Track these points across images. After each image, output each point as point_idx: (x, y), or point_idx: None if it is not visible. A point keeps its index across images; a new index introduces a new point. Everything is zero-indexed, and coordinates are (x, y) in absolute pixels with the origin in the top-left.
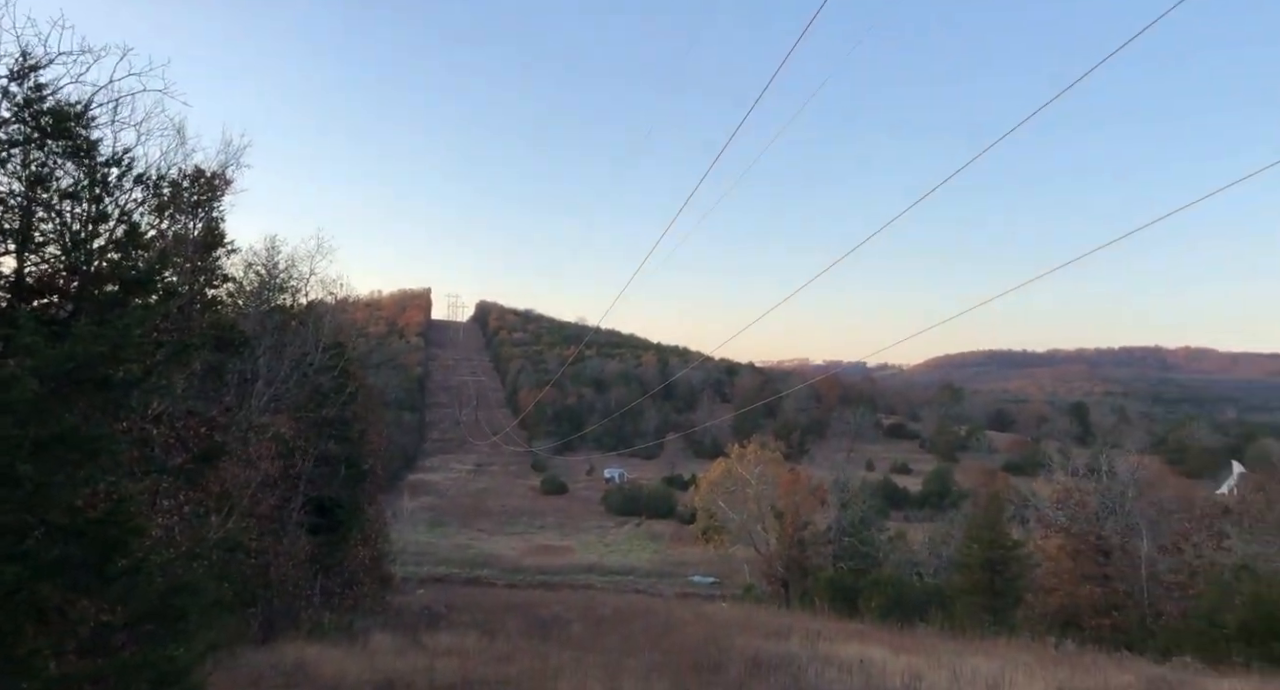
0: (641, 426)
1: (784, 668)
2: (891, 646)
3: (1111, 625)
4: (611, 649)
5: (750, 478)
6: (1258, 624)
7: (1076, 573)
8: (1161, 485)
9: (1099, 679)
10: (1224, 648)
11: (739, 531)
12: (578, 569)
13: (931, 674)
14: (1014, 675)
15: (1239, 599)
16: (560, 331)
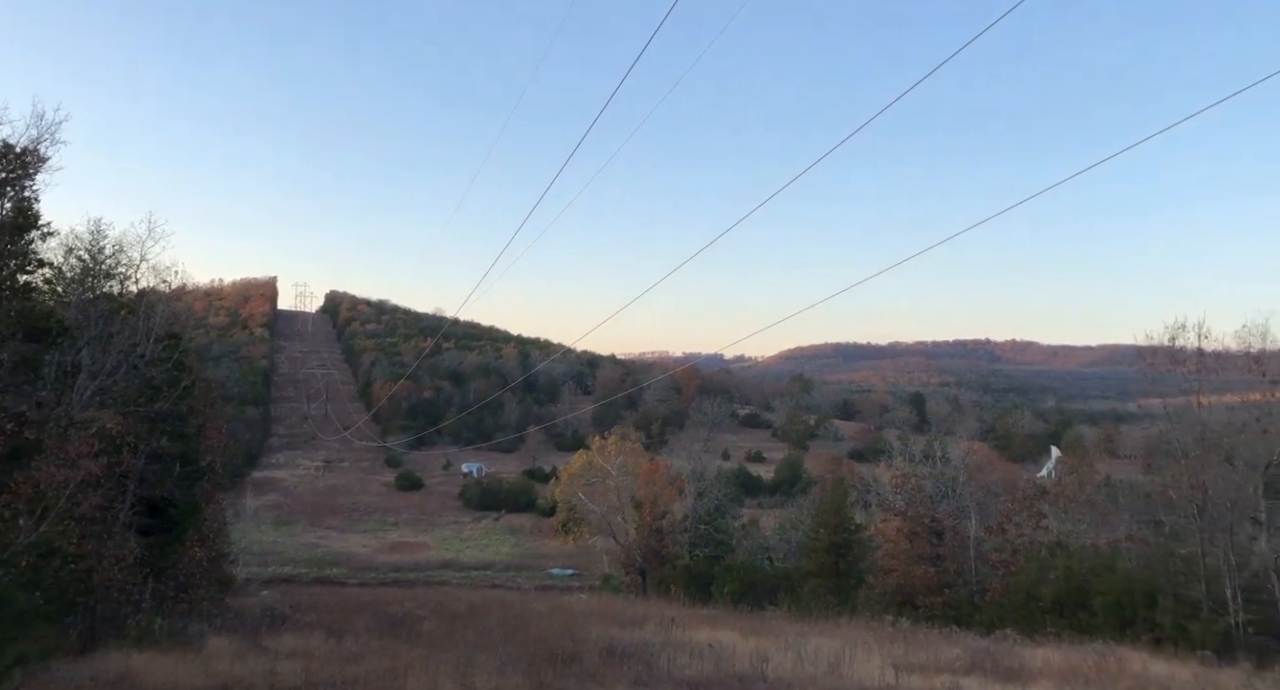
0: (502, 420)
1: (638, 655)
2: (741, 630)
3: (943, 602)
4: (465, 644)
5: (611, 469)
6: (1069, 597)
7: (912, 553)
8: (989, 469)
9: (930, 654)
10: (1040, 620)
11: (599, 523)
12: (433, 565)
13: (778, 655)
14: (854, 653)
15: (1054, 574)
16: (416, 323)
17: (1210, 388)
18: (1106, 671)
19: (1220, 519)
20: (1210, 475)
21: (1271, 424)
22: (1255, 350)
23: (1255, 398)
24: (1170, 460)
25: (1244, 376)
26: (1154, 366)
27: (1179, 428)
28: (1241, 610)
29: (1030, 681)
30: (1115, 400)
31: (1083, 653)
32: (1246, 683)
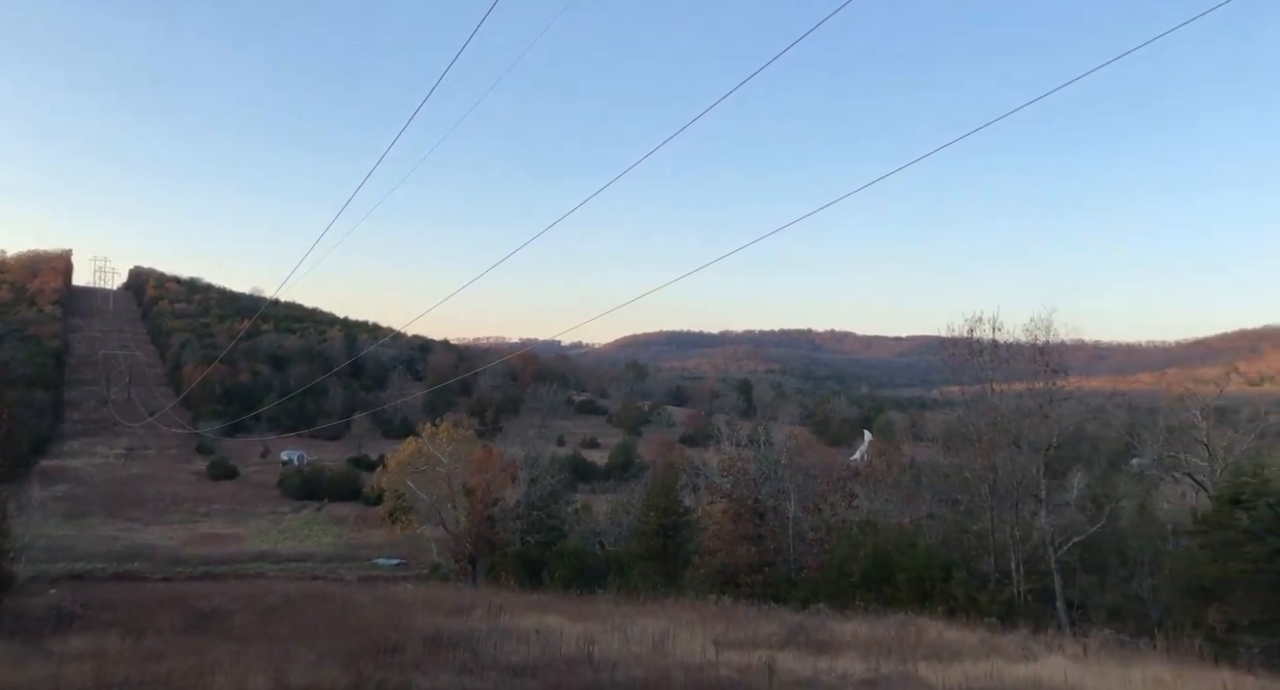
0: (326, 406)
1: (464, 643)
2: (570, 615)
3: (763, 580)
4: (280, 638)
5: (442, 456)
6: (876, 572)
7: (736, 534)
8: (809, 453)
9: (749, 630)
10: (851, 594)
11: (429, 511)
12: (248, 558)
13: (605, 637)
14: (678, 632)
15: (863, 551)
16: (232, 303)
17: (1002, 376)
18: (906, 641)
19: (1008, 497)
20: (1000, 457)
21: (1053, 410)
22: (1040, 342)
23: (1039, 386)
24: (966, 443)
25: (1030, 366)
26: (954, 357)
27: (975, 413)
28: (1023, 580)
29: (839, 653)
30: (922, 387)
31: (886, 624)
32: (1023, 645)
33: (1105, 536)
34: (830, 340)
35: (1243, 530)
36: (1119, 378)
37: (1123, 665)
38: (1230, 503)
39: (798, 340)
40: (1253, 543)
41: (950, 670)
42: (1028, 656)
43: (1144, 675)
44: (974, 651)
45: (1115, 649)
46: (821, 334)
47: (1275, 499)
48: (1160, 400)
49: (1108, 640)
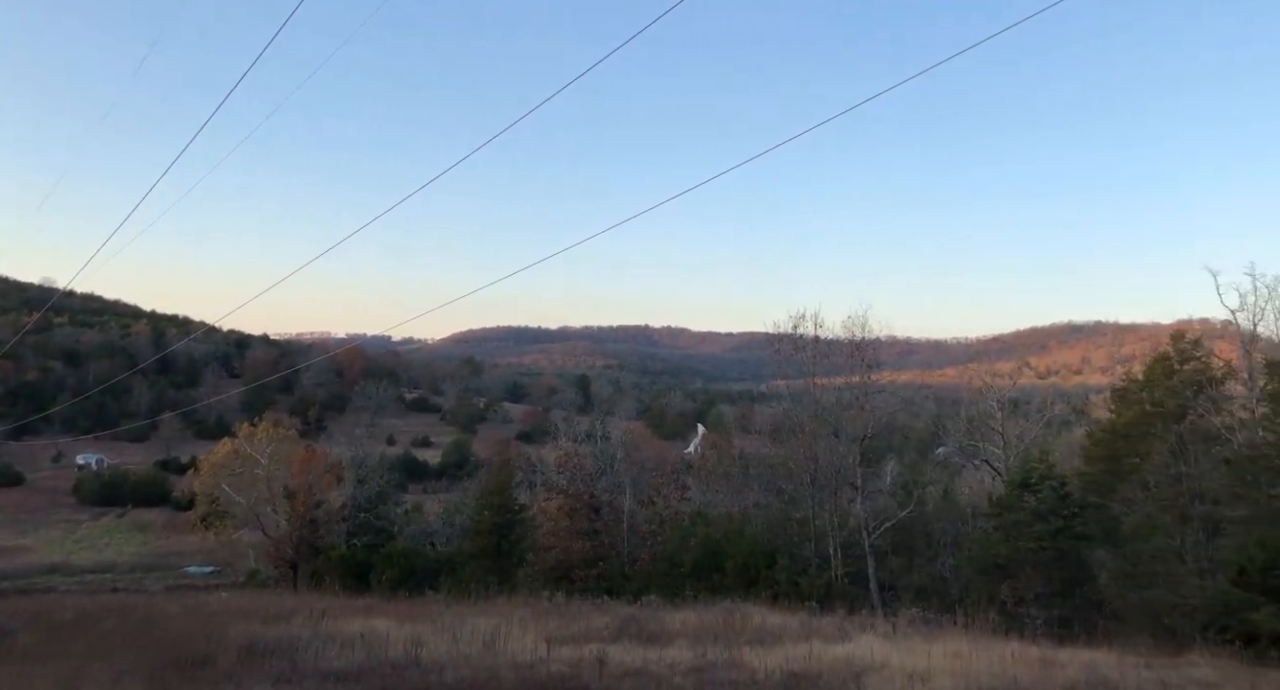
0: (130, 406)
1: (282, 652)
2: (398, 617)
3: (598, 575)
4: (73, 656)
5: (261, 458)
6: (706, 561)
7: (572, 530)
8: (645, 447)
9: (582, 625)
10: (681, 584)
11: (246, 516)
12: (36, 571)
13: (434, 639)
14: (510, 630)
15: (694, 542)
16: (20, 294)
17: (823, 371)
18: (733, 627)
19: (828, 485)
20: (821, 447)
21: (868, 402)
22: (857, 338)
23: (856, 380)
24: (791, 435)
25: (849, 361)
26: (780, 352)
27: (799, 406)
28: (841, 564)
29: (669, 642)
30: (751, 382)
31: (715, 612)
32: (840, 626)
33: (913, 521)
34: (666, 336)
35: (1030, 512)
36: (927, 371)
37: (927, 641)
38: (1020, 486)
39: (635, 336)
40: (1039, 523)
41: (772, 654)
42: (843, 637)
43: (944, 649)
44: (795, 634)
45: (921, 626)
46: (658, 330)
47: (1058, 482)
48: (963, 393)
49: (914, 618)
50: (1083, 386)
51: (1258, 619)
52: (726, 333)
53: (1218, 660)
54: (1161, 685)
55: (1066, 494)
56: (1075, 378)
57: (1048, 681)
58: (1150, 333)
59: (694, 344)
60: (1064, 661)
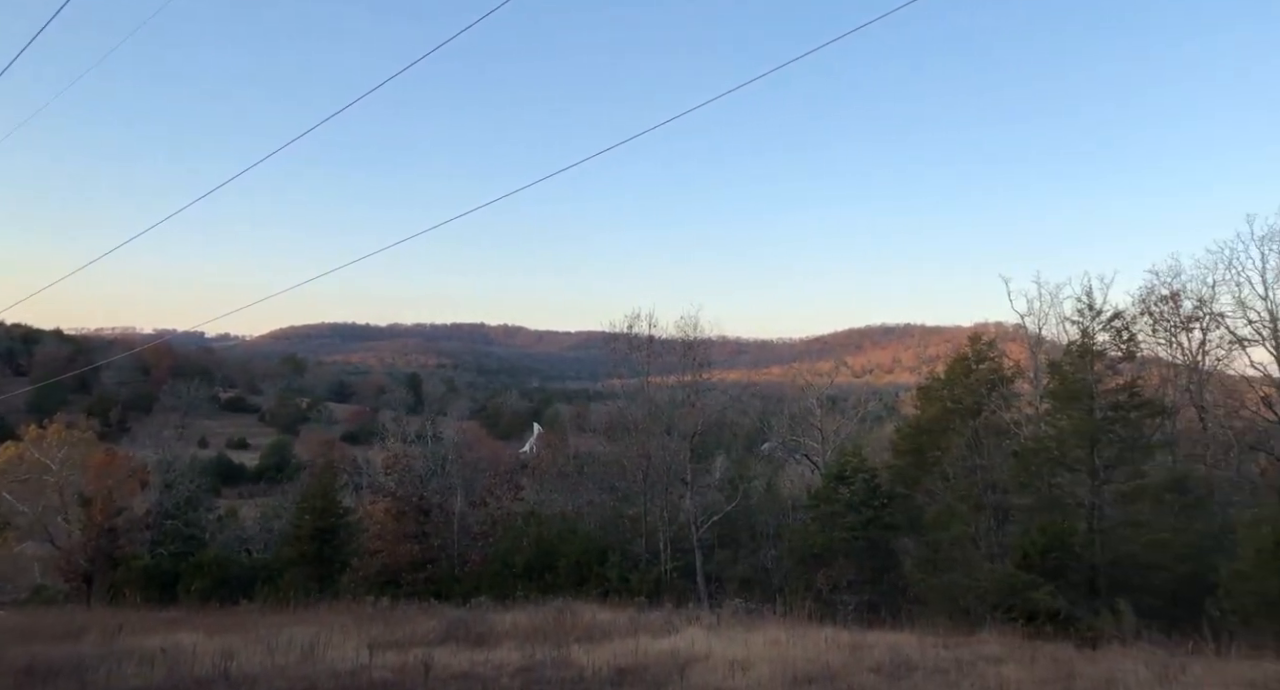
0: None
1: (69, 672)
2: (207, 629)
3: (426, 578)
4: None
5: (51, 463)
6: (538, 561)
7: (399, 532)
8: (479, 447)
9: (408, 629)
10: (513, 585)
11: (33, 526)
12: None
13: (246, 650)
14: (330, 638)
15: (526, 541)
16: None
17: (657, 369)
18: (563, 626)
19: (660, 482)
20: (654, 445)
21: (699, 400)
22: (690, 338)
23: (689, 378)
24: (625, 433)
25: (681, 360)
26: (616, 351)
27: (634, 404)
28: (670, 559)
29: (498, 644)
30: (589, 381)
31: (545, 611)
32: (667, 619)
33: (739, 514)
34: (503, 335)
35: (844, 503)
36: (755, 370)
37: (748, 630)
38: (835, 479)
39: (471, 334)
40: (852, 513)
41: (600, 650)
42: (670, 630)
43: (764, 638)
44: (623, 630)
45: (743, 616)
46: (495, 328)
47: (870, 475)
48: (787, 391)
49: (738, 609)
50: (894, 384)
51: (1038, 597)
52: (565, 332)
53: (1005, 637)
54: (956, 662)
55: (877, 486)
56: (887, 376)
57: (857, 664)
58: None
59: (531, 343)
60: (871, 644)
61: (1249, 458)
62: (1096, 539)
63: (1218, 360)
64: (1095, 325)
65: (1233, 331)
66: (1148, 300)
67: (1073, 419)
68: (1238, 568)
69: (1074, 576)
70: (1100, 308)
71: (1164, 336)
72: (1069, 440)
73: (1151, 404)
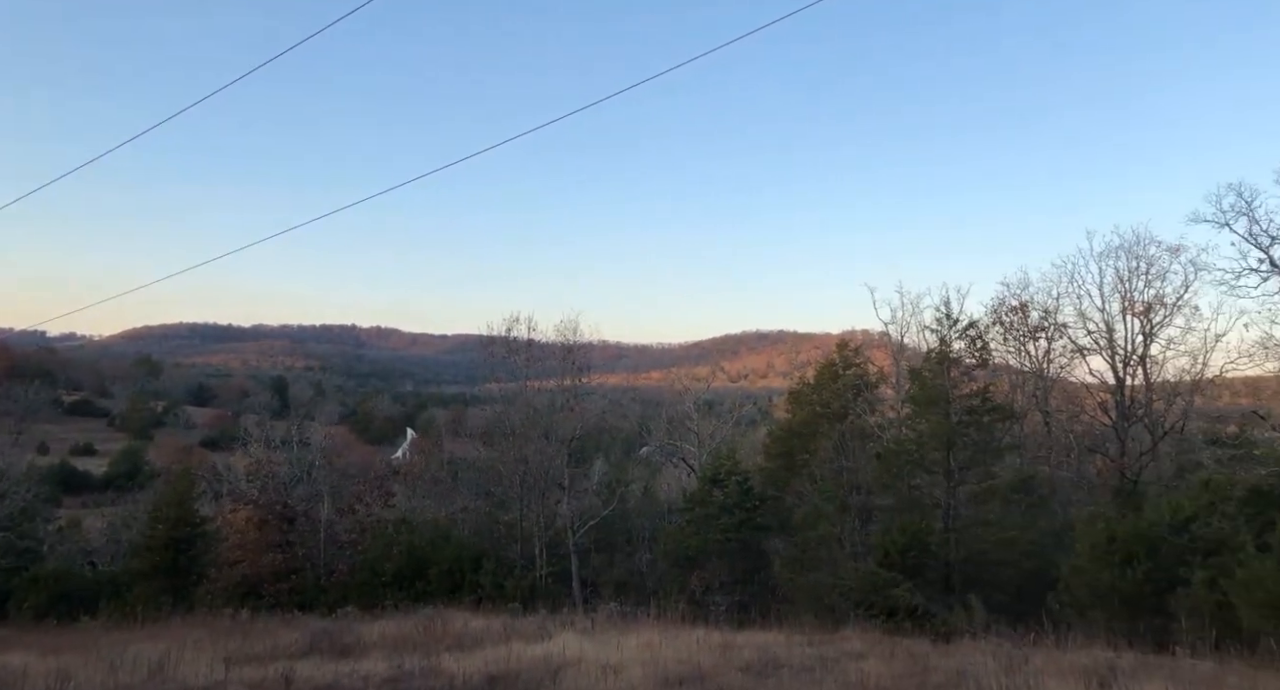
0: None
1: None
2: (42, 649)
3: (290, 588)
4: None
5: None
6: (409, 569)
7: (262, 542)
8: (348, 452)
9: (269, 642)
10: (382, 594)
11: None
12: None
13: (86, 670)
14: (181, 654)
15: (397, 549)
16: None
17: (536, 373)
18: (434, 634)
19: (536, 486)
20: (531, 449)
21: (578, 404)
22: (569, 342)
23: (568, 382)
24: (503, 437)
25: (560, 364)
26: (494, 355)
27: (511, 408)
28: (546, 564)
29: (365, 654)
30: (466, 385)
31: (416, 619)
32: (541, 625)
33: (616, 518)
34: (376, 337)
35: (718, 505)
36: (634, 374)
37: (622, 633)
38: (710, 482)
39: (341, 336)
40: (725, 516)
41: (472, 658)
42: (544, 636)
43: (638, 640)
44: (496, 637)
45: (618, 619)
46: (366, 330)
47: (743, 477)
48: (665, 395)
49: (612, 612)
50: (767, 389)
51: (897, 594)
52: (441, 335)
53: (866, 633)
54: (820, 659)
55: (749, 488)
56: (762, 381)
57: (726, 664)
58: (823, 341)
59: (405, 346)
60: (741, 644)
61: (1087, 459)
62: (951, 537)
63: (1061, 368)
64: (952, 334)
65: (1074, 341)
66: (999, 310)
67: (931, 423)
68: (1075, 563)
69: (930, 574)
70: (957, 317)
71: (1013, 345)
72: (927, 443)
73: (1002, 409)
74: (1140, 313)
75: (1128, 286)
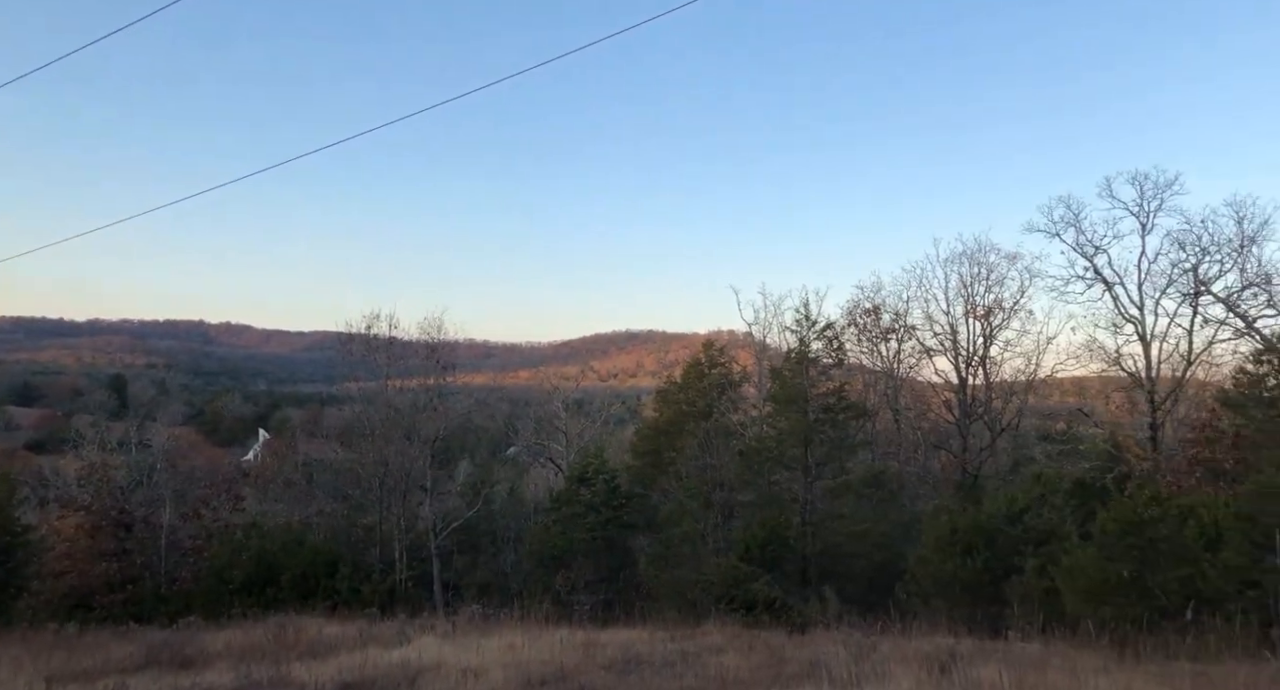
0: None
1: None
2: None
3: (125, 599)
4: None
5: None
6: (259, 575)
7: (94, 550)
8: (194, 454)
9: (100, 656)
10: (230, 602)
11: None
12: None
13: None
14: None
15: (246, 555)
16: None
17: (398, 372)
18: (284, 642)
19: (397, 489)
20: (392, 450)
21: (442, 404)
22: (434, 340)
23: (432, 381)
24: (362, 438)
25: (424, 363)
26: (353, 353)
27: (372, 408)
28: (406, 568)
29: (209, 665)
30: (324, 384)
31: (265, 628)
32: (400, 630)
33: (480, 520)
34: (226, 333)
35: (585, 504)
36: (503, 373)
37: (484, 636)
38: (577, 481)
39: (188, 332)
40: (592, 514)
41: (324, 666)
42: (402, 641)
43: (500, 642)
44: (351, 643)
45: (480, 622)
46: (216, 326)
47: (610, 476)
48: (534, 394)
49: (474, 614)
50: (636, 388)
51: (756, 588)
52: (297, 332)
53: (727, 627)
54: (682, 655)
55: (616, 487)
56: (631, 380)
57: (589, 663)
58: (691, 341)
59: (259, 343)
60: (605, 642)
61: (934, 455)
62: (808, 531)
63: (910, 368)
64: (810, 334)
65: (922, 342)
66: (854, 313)
67: (790, 420)
68: (920, 554)
69: (789, 567)
70: (815, 319)
71: (867, 346)
72: (787, 440)
73: (856, 407)
74: (981, 316)
75: (970, 291)
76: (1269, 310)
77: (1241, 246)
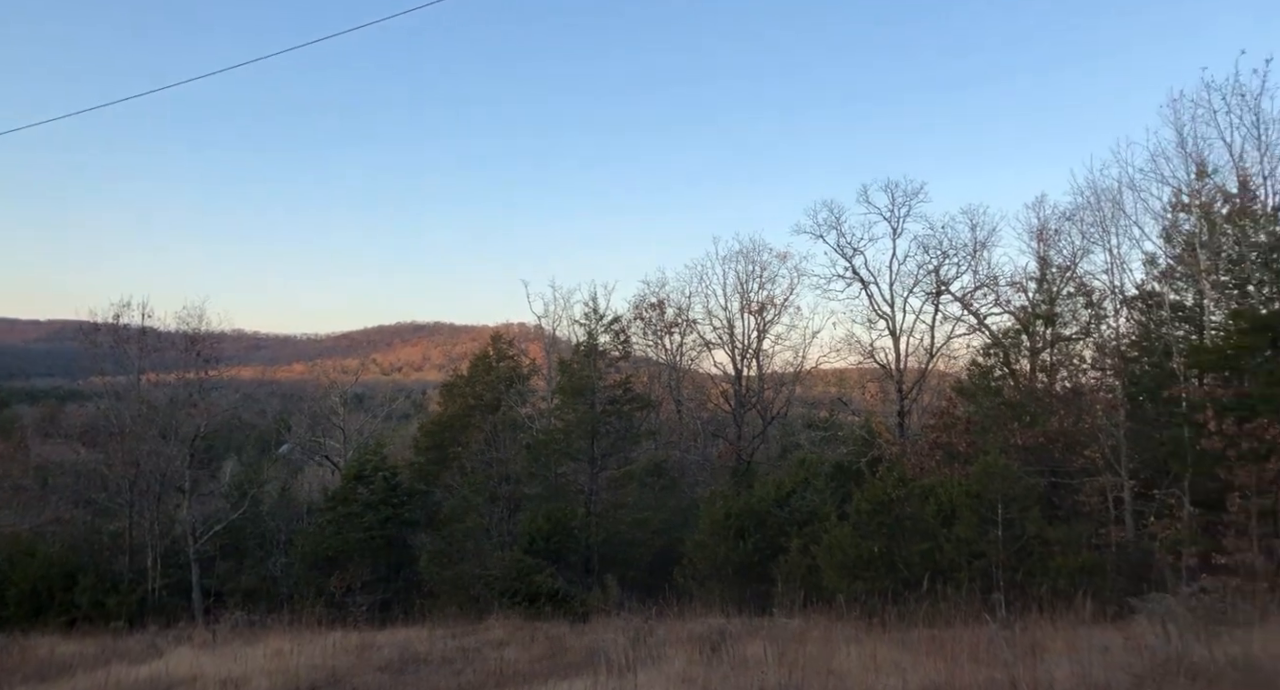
0: None
1: None
2: None
3: None
4: None
5: None
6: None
7: None
8: None
9: None
10: None
11: None
12: None
13: None
14: None
15: None
16: None
17: (154, 365)
18: (7, 665)
19: (151, 491)
20: (145, 450)
21: (204, 399)
22: (194, 331)
23: (192, 375)
24: (110, 438)
25: (184, 356)
26: (98, 344)
27: (122, 404)
28: (160, 576)
29: None
30: (63, 378)
31: None
32: (151, 643)
33: (247, 522)
34: None
35: (363, 503)
36: (274, 367)
37: (249, 644)
38: (354, 479)
39: None
40: (370, 513)
41: (56, 688)
42: (153, 655)
43: (266, 650)
44: (91, 661)
45: (245, 629)
46: None
47: (390, 473)
48: (309, 388)
49: (238, 622)
50: (422, 382)
51: (539, 580)
52: (33, 320)
53: (509, 621)
54: (462, 651)
55: (397, 484)
56: (416, 374)
57: (364, 664)
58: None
59: None
60: (382, 643)
61: (713, 443)
62: (592, 521)
63: (691, 360)
64: (599, 327)
65: (703, 336)
66: (640, 306)
67: (578, 412)
68: (697, 538)
69: (573, 557)
70: (603, 312)
71: (652, 339)
72: (574, 432)
73: (641, 398)
74: (755, 311)
75: (746, 288)
76: (996, 308)
77: (975, 251)
